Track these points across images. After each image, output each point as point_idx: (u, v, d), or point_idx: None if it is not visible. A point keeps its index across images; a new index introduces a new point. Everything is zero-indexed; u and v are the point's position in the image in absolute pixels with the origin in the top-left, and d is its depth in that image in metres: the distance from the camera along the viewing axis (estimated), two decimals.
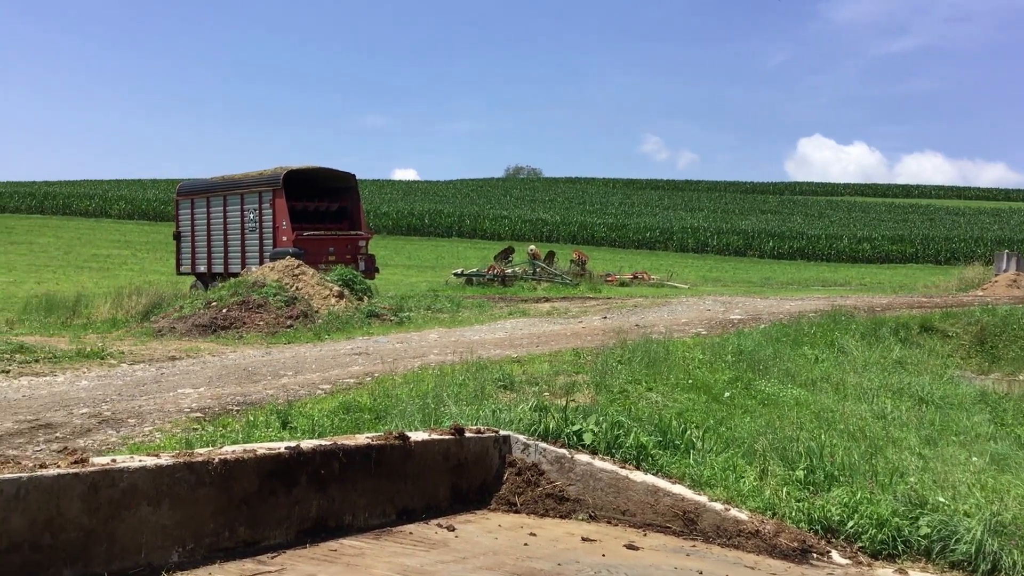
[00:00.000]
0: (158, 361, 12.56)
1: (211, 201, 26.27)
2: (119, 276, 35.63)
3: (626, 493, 4.81)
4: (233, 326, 16.40)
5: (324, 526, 4.13)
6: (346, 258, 23.69)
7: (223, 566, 3.58)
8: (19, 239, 57.51)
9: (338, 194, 25.74)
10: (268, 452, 3.94)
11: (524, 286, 30.37)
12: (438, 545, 4.14)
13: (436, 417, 6.53)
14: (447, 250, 59.46)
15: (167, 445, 6.42)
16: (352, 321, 16.99)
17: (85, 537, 3.25)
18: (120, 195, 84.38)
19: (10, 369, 11.64)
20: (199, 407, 8.39)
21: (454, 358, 10.79)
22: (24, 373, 11.37)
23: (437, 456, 4.76)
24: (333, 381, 9.79)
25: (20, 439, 7.07)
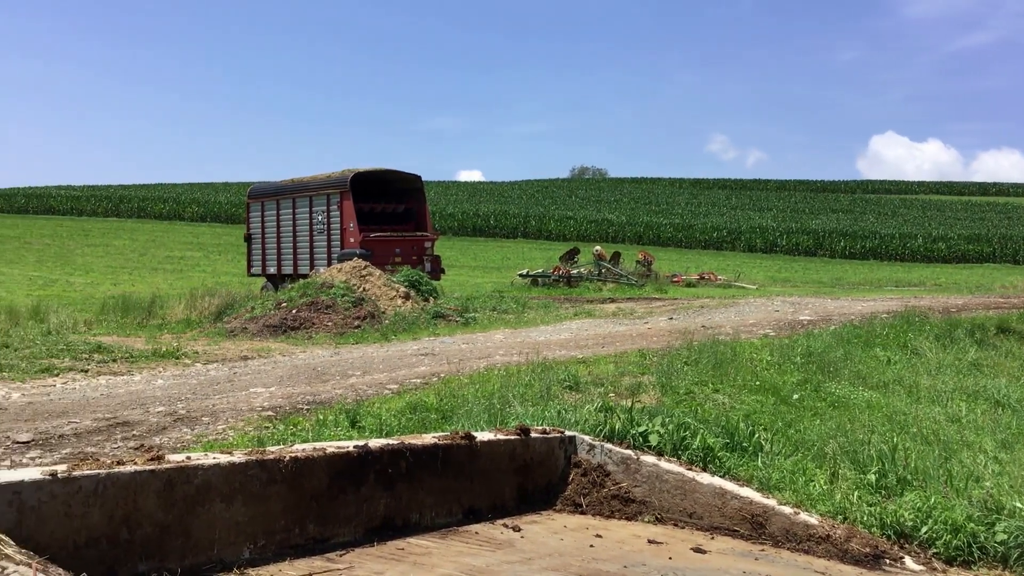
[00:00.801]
0: (230, 361, 12.81)
1: (281, 204, 26.68)
2: (192, 277, 36.41)
3: (693, 495, 4.77)
4: (302, 327, 16.65)
5: (391, 524, 4.17)
6: (412, 259, 23.87)
7: (293, 563, 3.63)
8: (96, 241, 59.13)
9: (404, 196, 25.94)
10: (337, 451, 3.99)
11: (589, 287, 30.27)
12: (504, 545, 4.16)
13: (502, 417, 6.56)
14: (512, 251, 59.54)
15: (240, 443, 6.55)
16: (418, 322, 17.12)
17: (160, 532, 3.32)
18: (193, 198, 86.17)
19: (89, 368, 11.98)
20: (270, 406, 8.53)
21: (520, 359, 10.81)
22: (102, 372, 11.69)
23: (503, 456, 4.77)
24: (400, 381, 9.88)
25: (99, 436, 7.27)
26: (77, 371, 11.74)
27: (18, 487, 2.91)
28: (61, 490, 3.03)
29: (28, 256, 49.46)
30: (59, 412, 8.43)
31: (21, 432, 7.37)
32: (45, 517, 2.98)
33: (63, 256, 49.84)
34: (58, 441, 7.09)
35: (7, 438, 7.15)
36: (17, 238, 60.69)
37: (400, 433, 5.99)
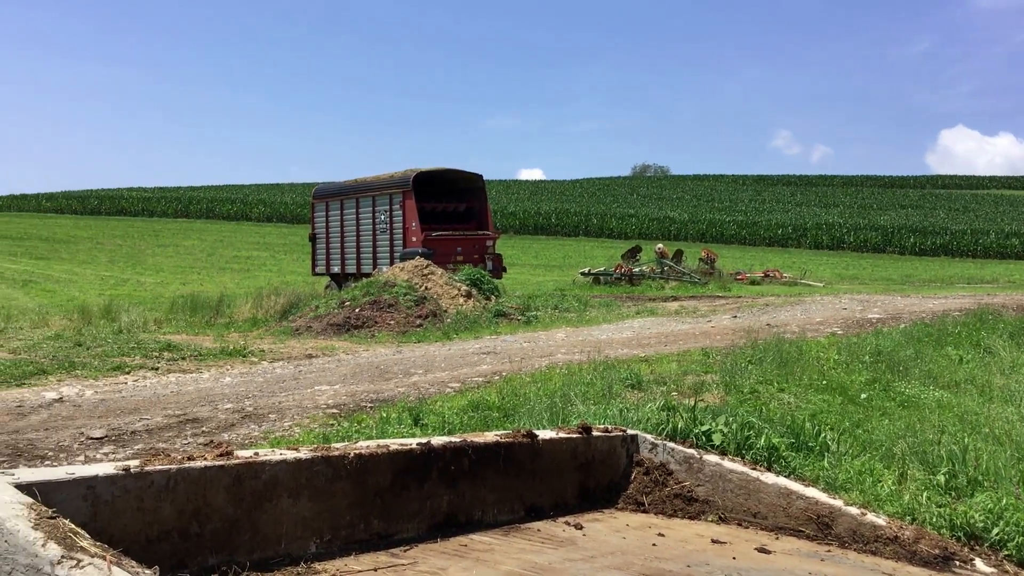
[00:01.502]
0: (296, 359, 13.00)
1: (344, 204, 26.99)
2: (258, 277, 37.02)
3: (757, 495, 4.72)
4: (366, 325, 16.83)
5: (454, 521, 4.20)
6: (474, 258, 23.97)
7: (358, 558, 3.68)
8: (166, 242, 60.43)
9: (466, 195, 26.06)
10: (401, 448, 4.03)
11: (652, 285, 30.09)
12: (566, 543, 4.16)
13: (563, 416, 6.56)
14: (574, 249, 59.43)
15: (305, 439, 6.64)
16: (480, 320, 17.18)
17: (230, 527, 3.38)
18: (259, 199, 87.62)
19: (159, 366, 12.25)
20: (335, 403, 8.64)
21: (581, 357, 10.79)
22: (172, 370, 11.95)
23: (565, 454, 4.77)
24: (462, 379, 9.94)
25: (169, 433, 7.44)
26: (148, 369, 12.02)
27: (92, 482, 2.99)
28: (134, 485, 3.10)
29: (100, 256, 50.75)
30: (131, 409, 8.64)
31: (95, 428, 7.58)
32: (118, 511, 3.05)
33: (134, 256, 51.04)
34: (130, 437, 7.27)
35: (81, 434, 7.35)
36: (90, 239, 62.32)
37: (462, 431, 6.02)
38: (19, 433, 7.44)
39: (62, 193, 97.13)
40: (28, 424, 7.91)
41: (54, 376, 11.33)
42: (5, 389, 10.35)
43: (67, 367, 11.97)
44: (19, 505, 2.54)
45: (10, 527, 2.40)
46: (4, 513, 2.46)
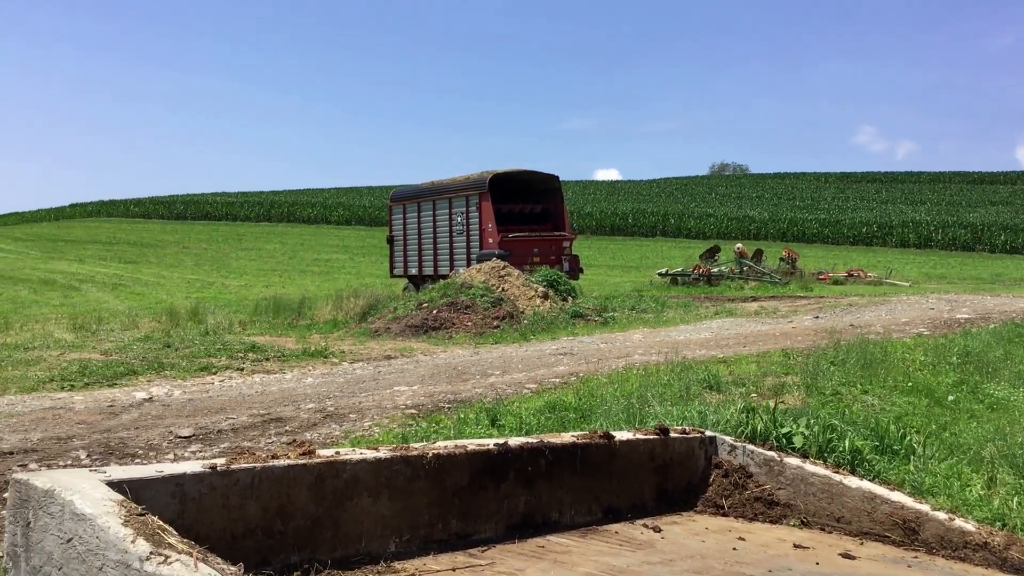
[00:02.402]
0: (375, 360, 13.17)
1: (421, 206, 27.23)
2: (338, 279, 37.58)
3: (840, 499, 4.62)
4: (443, 327, 16.95)
5: (531, 522, 4.20)
6: (550, 259, 23.95)
7: (437, 557, 3.70)
8: (249, 245, 61.76)
9: (542, 196, 26.06)
10: (478, 448, 4.05)
11: (730, 285, 29.70)
12: (644, 546, 4.13)
13: (640, 417, 6.52)
14: (651, 250, 59.00)
15: (385, 439, 6.73)
16: (556, 321, 17.17)
17: (312, 525, 3.43)
18: (339, 202, 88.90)
19: (244, 367, 12.53)
20: (413, 404, 8.73)
21: (659, 358, 10.71)
22: (256, 371, 12.21)
23: (642, 456, 4.74)
24: (539, 380, 9.94)
25: (254, 432, 7.60)
26: (233, 369, 12.30)
27: (180, 479, 3.06)
28: (220, 482, 3.17)
29: (187, 260, 52.11)
30: (217, 408, 8.86)
31: (183, 427, 7.78)
32: (205, 508, 3.12)
33: (219, 260, 52.28)
34: (217, 436, 7.45)
35: (170, 433, 7.56)
36: (177, 243, 64.04)
37: (539, 432, 6.03)
38: (111, 432, 7.69)
39: (149, 199, 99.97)
40: (119, 423, 8.16)
41: (144, 376, 11.68)
42: (98, 389, 10.70)
43: (156, 368, 12.32)
44: (110, 502, 2.62)
45: (101, 524, 2.48)
46: (95, 510, 2.54)
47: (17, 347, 15.26)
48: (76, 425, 8.07)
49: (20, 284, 38.74)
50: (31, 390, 10.69)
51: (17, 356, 13.88)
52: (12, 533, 2.81)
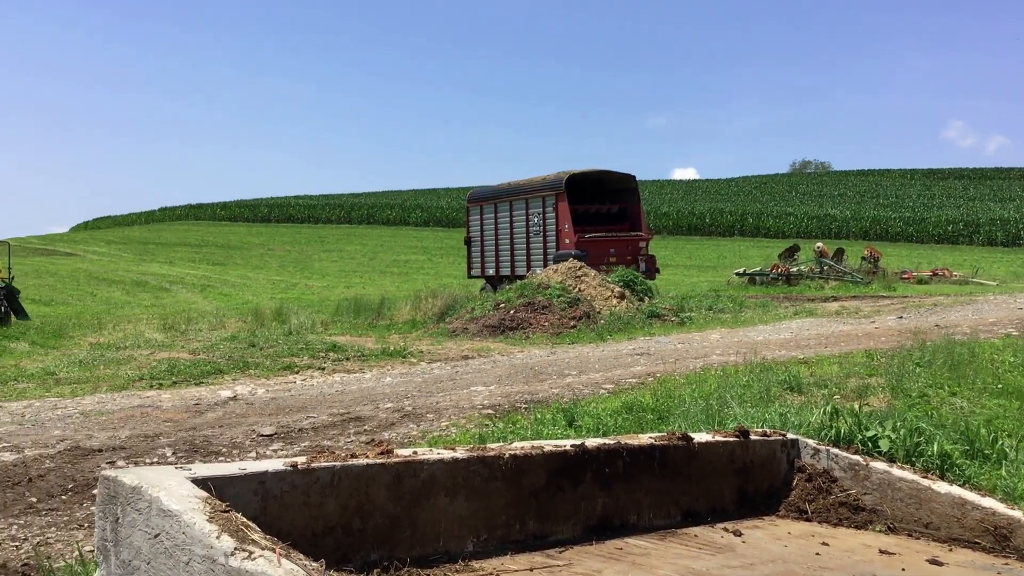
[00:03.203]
0: (453, 360, 13.26)
1: (498, 207, 27.34)
2: (417, 280, 37.98)
3: (928, 505, 4.49)
4: (520, 327, 16.98)
5: (609, 524, 4.17)
6: (627, 259, 23.84)
7: (514, 557, 3.70)
8: (331, 247, 62.79)
9: (618, 196, 25.95)
10: (555, 449, 4.04)
11: (811, 285, 29.16)
12: (724, 549, 4.07)
13: (719, 418, 6.44)
14: (729, 249, 58.27)
15: (462, 439, 6.76)
16: (633, 321, 17.08)
17: (390, 523, 3.45)
18: (417, 204, 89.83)
19: (325, 366, 12.74)
20: (490, 404, 8.76)
21: (737, 359, 10.56)
22: (337, 370, 12.40)
23: (721, 458, 4.67)
24: (616, 381, 9.89)
25: (334, 431, 7.72)
26: (315, 369, 12.51)
27: (263, 477, 3.11)
28: (301, 480, 3.21)
29: (271, 262, 53.20)
30: (298, 407, 9.02)
31: (265, 426, 7.94)
32: (286, 506, 3.17)
33: (302, 261, 53.26)
34: (298, 434, 7.58)
35: (253, 431, 7.72)
36: (262, 245, 65.45)
37: (616, 433, 5.99)
38: (196, 430, 7.88)
39: (236, 202, 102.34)
40: (204, 421, 8.37)
41: (229, 375, 11.96)
42: (185, 388, 10.99)
43: (241, 367, 12.60)
44: (195, 499, 2.68)
45: (187, 520, 2.54)
46: (182, 506, 2.60)
47: (110, 346, 15.77)
48: (163, 423, 8.30)
49: (114, 286, 40.02)
50: (121, 388, 11.04)
51: (109, 355, 14.34)
52: (102, 528, 2.89)
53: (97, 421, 8.51)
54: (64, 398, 10.30)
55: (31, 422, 8.57)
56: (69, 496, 5.81)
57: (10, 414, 9.16)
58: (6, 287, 22.66)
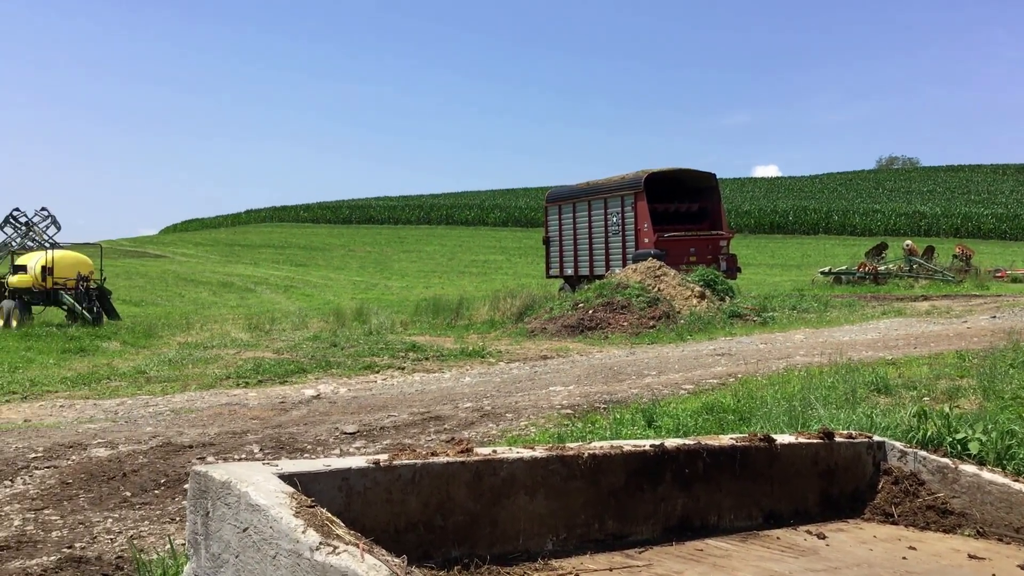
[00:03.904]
0: (531, 360, 13.29)
1: (577, 206, 27.30)
2: (495, 280, 38.14)
3: (1020, 509, 4.35)
4: (598, 327, 16.94)
5: (689, 525, 4.15)
6: (707, 258, 23.59)
7: (593, 557, 3.71)
8: (410, 248, 63.44)
9: (698, 194, 25.70)
10: (634, 449, 4.03)
11: (899, 284, 28.45)
12: (807, 552, 4.01)
13: (803, 420, 6.33)
14: (813, 248, 57.17)
15: (540, 439, 6.78)
16: (714, 321, 16.89)
17: (470, 521, 3.49)
18: (495, 204, 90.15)
19: (405, 366, 12.89)
20: (568, 404, 8.76)
21: (821, 359, 10.37)
22: (416, 370, 12.53)
23: (805, 460, 4.60)
24: (696, 381, 9.80)
25: (414, 429, 7.81)
26: (395, 368, 12.67)
27: (346, 474, 3.17)
28: (383, 477, 3.27)
29: (352, 262, 54.00)
30: (380, 406, 9.15)
31: (348, 424, 8.08)
32: (369, 502, 3.22)
33: (382, 262, 53.95)
34: (379, 432, 7.70)
35: (336, 429, 7.86)
36: (343, 246, 66.50)
37: (696, 433, 5.94)
38: (281, 427, 8.06)
39: (318, 204, 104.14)
40: (289, 419, 8.55)
41: (312, 374, 12.19)
42: (270, 386, 11.24)
43: (324, 366, 12.83)
44: (282, 494, 2.75)
45: (274, 514, 2.61)
46: (269, 501, 2.68)
47: (197, 346, 16.22)
48: (250, 420, 8.51)
49: (201, 286, 41.11)
50: (209, 387, 11.34)
51: (197, 354, 14.75)
52: (192, 522, 2.99)
53: (187, 418, 8.77)
54: (155, 396, 10.63)
55: (124, 419, 8.86)
56: (161, 491, 5.99)
57: (104, 411, 9.49)
58: (98, 288, 23.46)
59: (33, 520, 5.36)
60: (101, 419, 8.91)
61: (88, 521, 5.34)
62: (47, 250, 23.87)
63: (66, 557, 4.68)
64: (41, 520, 5.36)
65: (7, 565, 4.59)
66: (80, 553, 4.76)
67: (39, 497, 5.84)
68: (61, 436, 7.73)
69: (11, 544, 4.92)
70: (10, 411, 9.79)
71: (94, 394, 11.04)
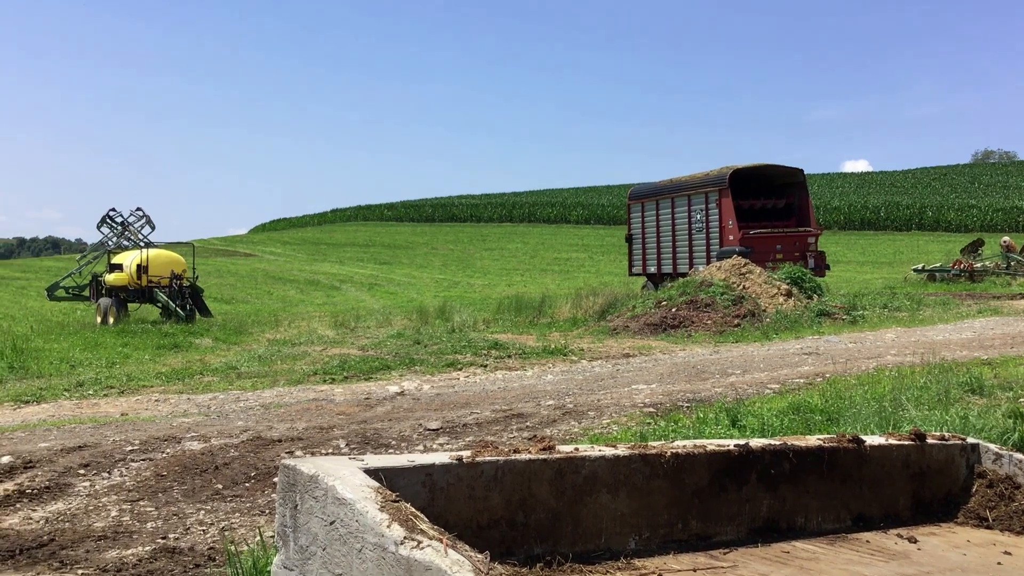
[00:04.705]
0: (613, 358, 13.23)
1: (660, 204, 27.08)
2: (577, 278, 38.07)
3: None
4: (682, 325, 16.78)
5: (775, 526, 4.08)
6: (794, 255, 23.15)
7: (677, 557, 3.68)
8: (492, 246, 63.70)
9: (785, 190, 25.25)
10: (718, 448, 3.98)
11: (996, 282, 27.51)
12: (897, 556, 3.92)
13: (893, 421, 6.18)
14: (905, 244, 55.65)
15: (623, 437, 6.75)
16: (801, 320, 16.58)
17: (552, 518, 3.49)
18: (577, 202, 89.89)
19: (487, 363, 12.96)
20: (651, 402, 8.70)
21: (913, 359, 10.10)
22: (499, 367, 12.59)
23: (895, 462, 4.49)
24: (782, 381, 9.63)
25: (496, 426, 7.85)
26: (477, 366, 12.75)
27: (430, 469, 3.21)
28: (466, 474, 3.29)
29: (435, 260, 54.49)
30: (462, 403, 9.22)
31: (431, 420, 8.16)
32: (452, 498, 3.25)
33: (464, 260, 54.30)
34: (462, 429, 7.76)
35: (420, 425, 7.95)
36: (426, 244, 67.15)
37: (782, 434, 5.85)
38: (366, 423, 8.18)
39: (401, 203, 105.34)
40: (374, 415, 8.68)
41: (396, 371, 12.35)
42: (355, 383, 11.43)
43: (407, 363, 12.99)
44: (368, 488, 2.80)
45: (360, 508, 2.66)
46: (355, 495, 2.72)
47: (286, 342, 16.58)
48: (336, 416, 8.66)
49: (288, 284, 41.99)
50: (297, 382, 11.58)
51: (285, 351, 15.07)
52: (282, 514, 3.06)
53: (276, 413, 8.97)
54: (246, 391, 10.90)
55: (216, 413, 9.11)
56: (252, 483, 6.14)
57: (197, 406, 9.77)
58: (191, 286, 24.14)
59: (129, 511, 5.55)
60: (194, 413, 9.18)
61: (181, 513, 5.50)
62: (142, 249, 24.64)
63: (160, 548, 4.83)
64: (136, 511, 5.55)
65: (104, 555, 4.77)
66: (173, 544, 4.91)
67: (135, 489, 6.04)
68: (156, 429, 7.98)
69: (108, 534, 5.10)
70: (108, 405, 10.15)
71: (188, 389, 11.37)
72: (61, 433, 7.96)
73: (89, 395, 10.96)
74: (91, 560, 4.67)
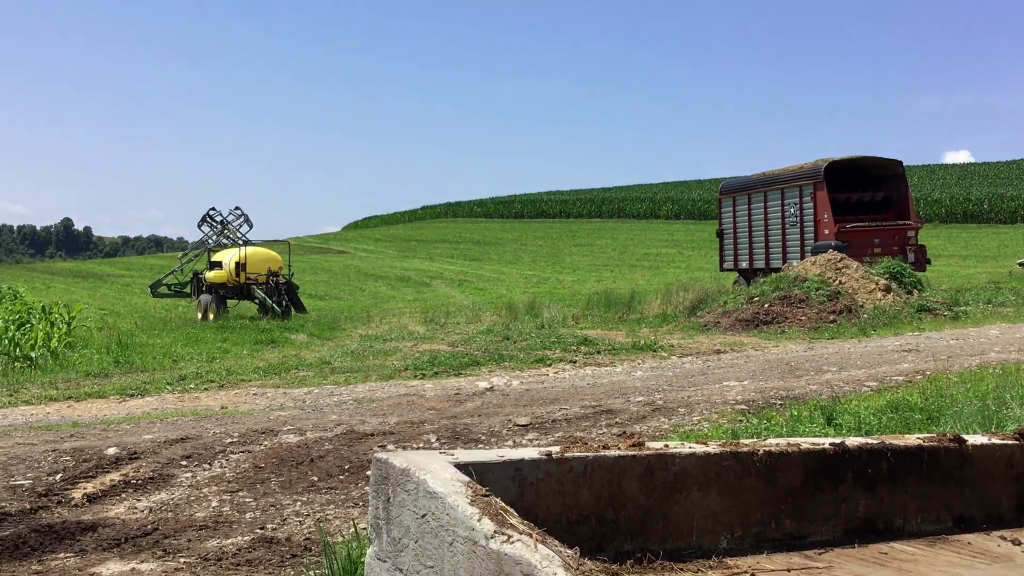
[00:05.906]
0: (704, 354, 13.08)
1: (752, 198, 26.63)
2: (667, 274, 37.71)
3: None
4: (774, 321, 16.49)
5: (872, 527, 3.99)
6: (893, 249, 22.51)
7: (770, 557, 3.63)
8: (581, 242, 63.55)
9: (883, 183, 24.56)
10: (812, 447, 3.91)
11: None
12: (1000, 559, 3.79)
13: (997, 420, 5.97)
14: (1011, 238, 53.58)
15: (714, 434, 6.68)
16: (900, 316, 16.14)
17: (642, 515, 3.48)
18: (667, 196, 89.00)
19: (576, 360, 12.95)
20: (743, 399, 8.58)
21: (1019, 356, 9.73)
22: (588, 363, 12.57)
23: (999, 463, 4.34)
24: (879, 378, 9.39)
25: (586, 422, 7.85)
26: (566, 362, 12.75)
27: (519, 464, 3.23)
28: (555, 469, 3.30)
29: (524, 256, 54.62)
30: (551, 399, 9.23)
31: (521, 416, 8.20)
32: (541, 493, 3.26)
33: (553, 256, 54.31)
34: (551, 425, 7.77)
35: (509, 420, 7.99)
36: (515, 240, 67.35)
37: (879, 432, 5.71)
38: (456, 418, 8.26)
39: (490, 199, 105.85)
40: (464, 410, 8.76)
41: (486, 367, 12.43)
42: (445, 378, 11.54)
43: (497, 359, 13.07)
44: (458, 483, 2.83)
45: (451, 502, 2.69)
46: (445, 489, 2.76)
47: (377, 338, 16.84)
48: (426, 411, 8.77)
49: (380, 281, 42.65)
50: (389, 377, 11.76)
51: (377, 347, 15.32)
52: (375, 507, 3.11)
53: (369, 407, 9.13)
54: (339, 385, 11.12)
55: (311, 407, 9.32)
56: (346, 476, 6.27)
57: (293, 400, 10.01)
58: (287, 283, 24.71)
59: (229, 502, 5.72)
60: (290, 407, 9.40)
61: (279, 504, 5.65)
62: (240, 247, 25.31)
63: (258, 538, 4.97)
64: (236, 502, 5.72)
65: (205, 544, 4.92)
66: (271, 534, 5.04)
67: (235, 480, 6.22)
68: (254, 422, 8.20)
69: (209, 524, 5.27)
70: (209, 398, 10.47)
71: (284, 383, 11.66)
72: (164, 425, 8.25)
73: (190, 389, 11.32)
74: (192, 549, 4.83)
